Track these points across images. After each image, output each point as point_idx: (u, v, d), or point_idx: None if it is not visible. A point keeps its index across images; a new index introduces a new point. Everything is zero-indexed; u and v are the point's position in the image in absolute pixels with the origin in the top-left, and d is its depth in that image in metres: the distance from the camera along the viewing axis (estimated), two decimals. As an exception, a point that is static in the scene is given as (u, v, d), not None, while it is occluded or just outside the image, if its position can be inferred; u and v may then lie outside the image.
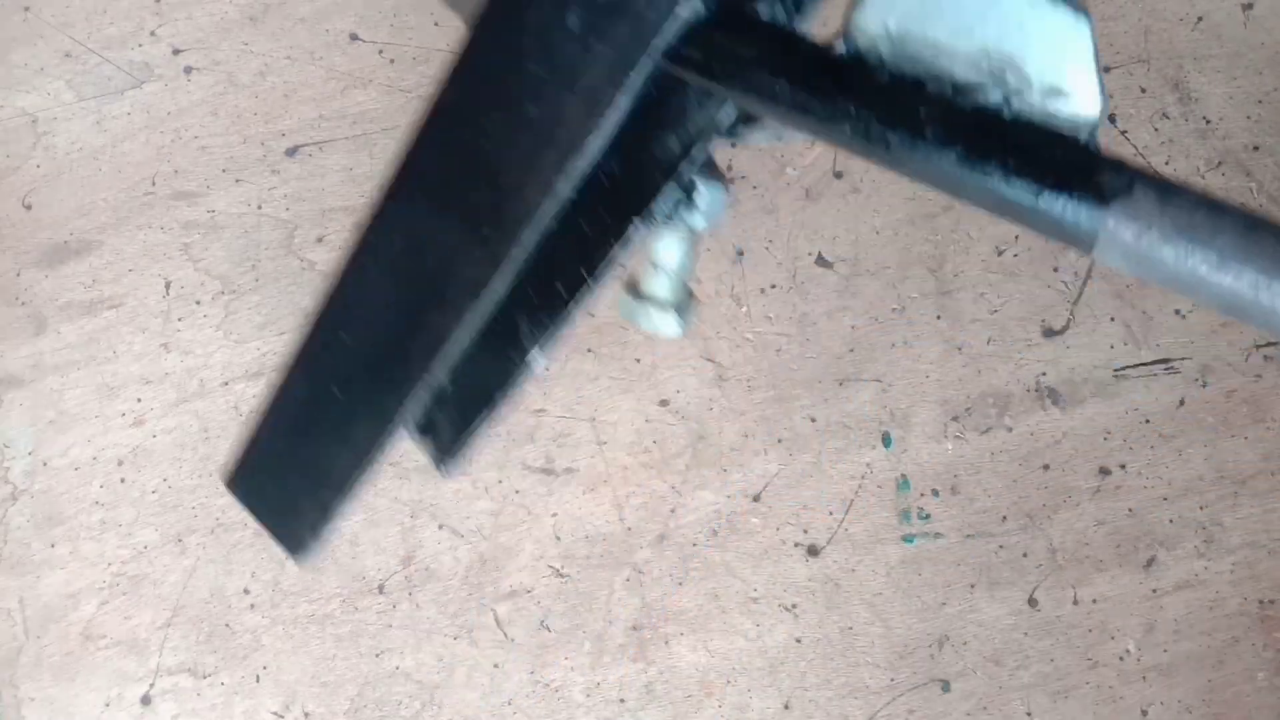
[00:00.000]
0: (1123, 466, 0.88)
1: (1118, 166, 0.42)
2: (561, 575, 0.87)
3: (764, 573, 0.86)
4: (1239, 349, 0.90)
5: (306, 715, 0.85)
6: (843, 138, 0.46)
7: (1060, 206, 0.42)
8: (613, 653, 0.85)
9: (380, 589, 0.87)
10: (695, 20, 0.48)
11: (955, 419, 0.89)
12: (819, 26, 0.50)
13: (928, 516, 0.87)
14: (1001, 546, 0.87)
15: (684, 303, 0.60)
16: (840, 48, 0.45)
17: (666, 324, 0.59)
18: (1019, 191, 0.43)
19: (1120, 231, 0.41)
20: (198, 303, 0.92)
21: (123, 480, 0.89)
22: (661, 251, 0.59)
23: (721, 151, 0.96)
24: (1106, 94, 0.41)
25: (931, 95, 0.44)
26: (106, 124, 0.96)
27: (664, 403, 0.89)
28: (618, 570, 0.87)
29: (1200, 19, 0.96)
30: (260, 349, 0.91)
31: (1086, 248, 0.42)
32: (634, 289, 0.60)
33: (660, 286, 0.59)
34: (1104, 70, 0.42)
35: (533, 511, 0.88)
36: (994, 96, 0.43)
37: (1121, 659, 0.85)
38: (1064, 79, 0.41)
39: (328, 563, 0.87)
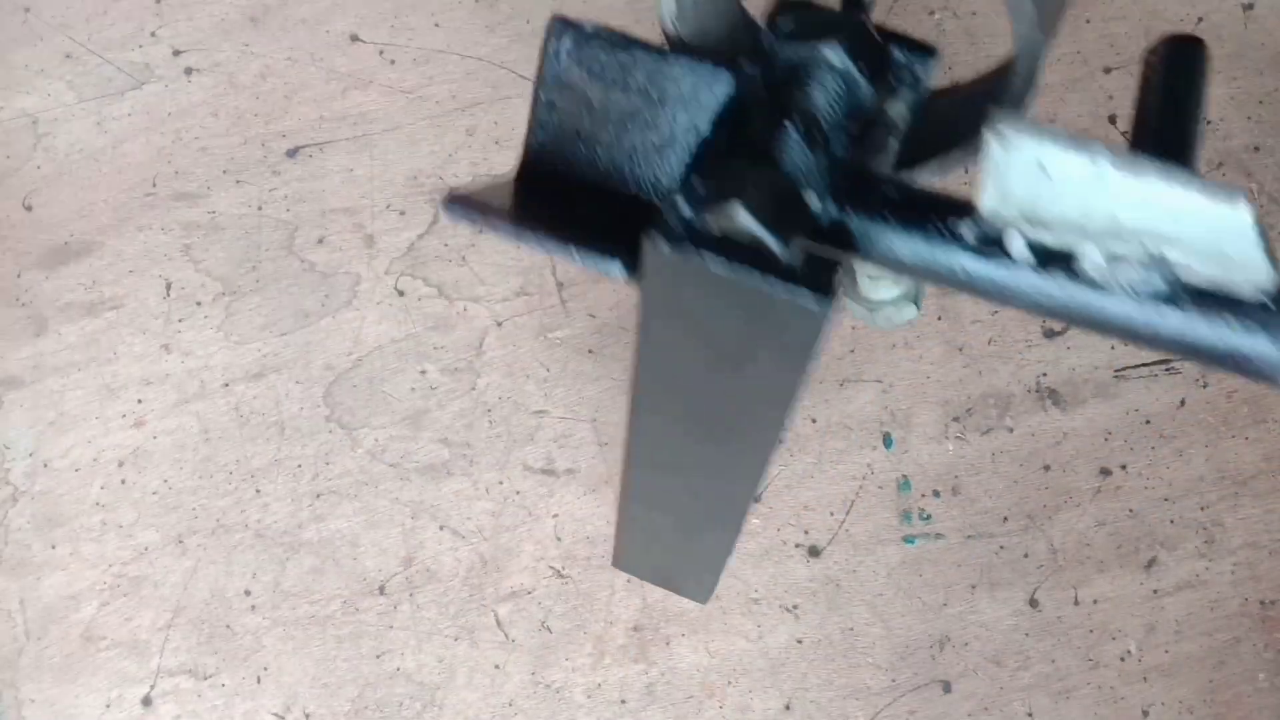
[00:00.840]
0: (1123, 467, 0.88)
1: None
2: (562, 576, 0.87)
3: (765, 573, 0.86)
4: (1239, 349, 0.90)
5: (307, 716, 0.85)
6: (1015, 306, 0.45)
7: (1255, 352, 0.42)
8: (614, 654, 0.85)
9: (381, 590, 0.87)
10: (833, 219, 0.47)
11: (956, 420, 0.89)
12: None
13: (929, 517, 0.87)
14: (1002, 547, 0.87)
15: (913, 288, 0.65)
16: (972, 232, 0.44)
17: (908, 312, 0.64)
18: (1206, 339, 0.43)
19: None
20: (198, 304, 0.92)
21: (123, 481, 0.89)
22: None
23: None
24: (1275, 260, 0.39)
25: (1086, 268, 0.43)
26: (107, 125, 0.96)
27: (665, 403, 0.89)
28: (619, 571, 0.86)
29: (1200, 19, 0.96)
30: (261, 350, 0.91)
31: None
32: (862, 300, 0.65)
33: (884, 288, 0.64)
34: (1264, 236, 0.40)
35: (533, 512, 0.88)
36: (1155, 272, 0.42)
37: (1122, 659, 0.85)
38: (1228, 258, 0.39)
39: (328, 564, 0.87)
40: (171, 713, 0.85)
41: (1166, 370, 0.90)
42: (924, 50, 0.51)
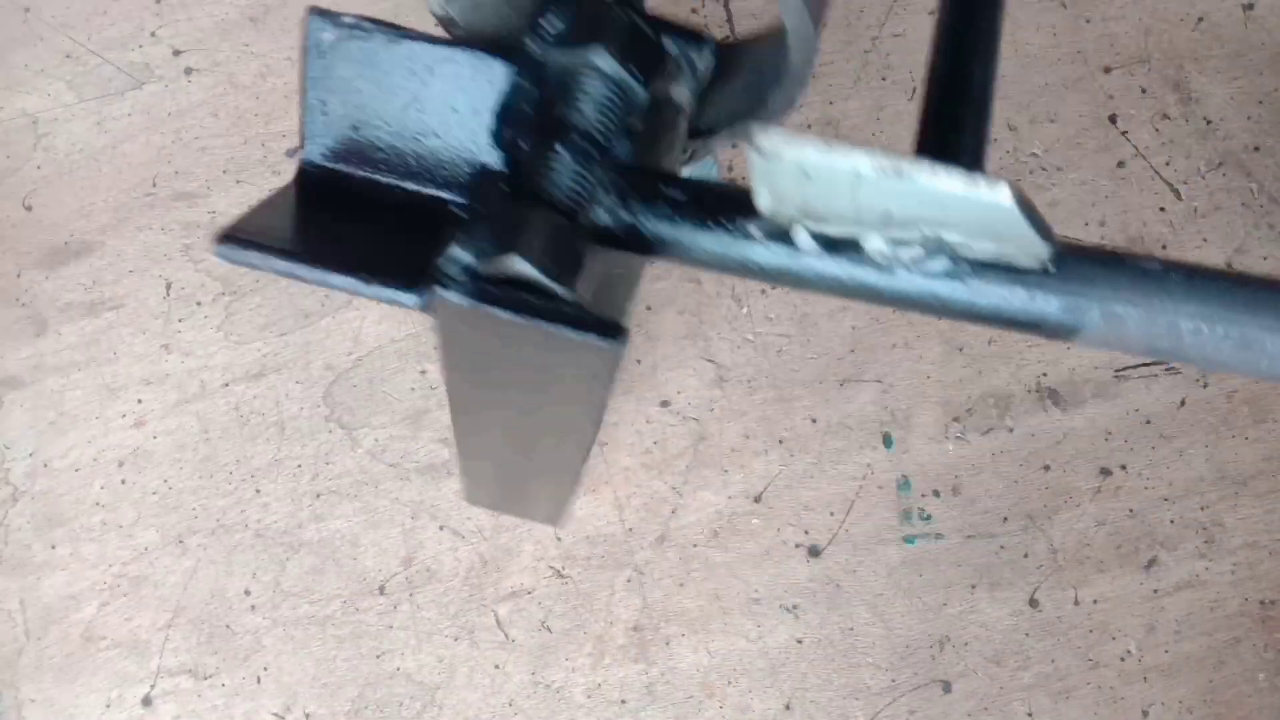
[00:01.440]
0: (1123, 467, 0.88)
1: (1086, 268, 0.43)
2: (562, 576, 0.87)
3: (765, 573, 0.86)
4: (1240, 349, 0.90)
5: (307, 716, 0.85)
6: (809, 290, 0.47)
7: (1039, 313, 0.44)
8: (614, 653, 0.85)
9: (381, 590, 0.87)
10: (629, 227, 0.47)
11: (956, 420, 0.89)
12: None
13: (929, 517, 0.87)
14: (1002, 547, 0.87)
15: None
16: (760, 228, 0.45)
17: None
18: (996, 307, 0.44)
19: (1092, 327, 0.44)
20: (198, 304, 0.92)
21: (123, 481, 0.89)
22: None
23: (724, 152, 0.95)
24: (1047, 232, 0.41)
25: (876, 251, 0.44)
26: (107, 125, 0.96)
27: (665, 403, 0.89)
28: (619, 571, 0.87)
29: (1200, 19, 0.96)
30: (261, 350, 0.91)
31: (1069, 338, 0.44)
32: None
33: None
34: (1036, 217, 0.42)
35: (533, 512, 0.88)
36: (937, 252, 0.43)
37: (1122, 659, 0.85)
38: (1000, 237, 0.41)
39: (328, 564, 0.87)
40: (171, 713, 0.85)
41: (1166, 370, 0.90)
42: (696, 39, 0.50)
